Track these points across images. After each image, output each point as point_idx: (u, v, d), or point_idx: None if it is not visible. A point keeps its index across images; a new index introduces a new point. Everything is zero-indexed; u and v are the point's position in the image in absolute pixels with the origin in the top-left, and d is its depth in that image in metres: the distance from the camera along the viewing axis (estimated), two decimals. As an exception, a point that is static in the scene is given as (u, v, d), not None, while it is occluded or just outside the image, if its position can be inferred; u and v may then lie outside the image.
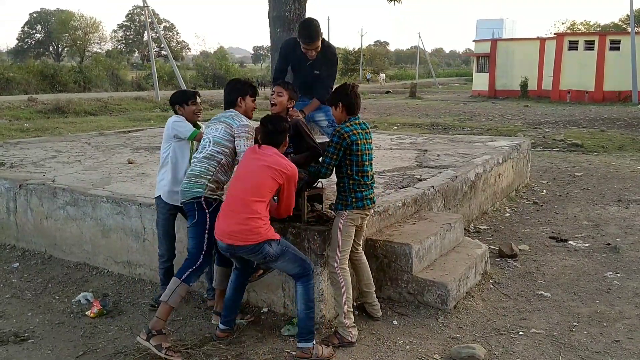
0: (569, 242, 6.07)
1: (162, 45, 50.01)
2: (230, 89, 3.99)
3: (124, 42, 72.00)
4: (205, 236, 3.73)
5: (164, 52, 51.75)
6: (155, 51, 49.96)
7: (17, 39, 70.45)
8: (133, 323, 4.23)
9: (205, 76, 45.59)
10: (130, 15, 70.70)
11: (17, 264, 5.57)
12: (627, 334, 3.96)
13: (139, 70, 53.65)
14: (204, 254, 3.73)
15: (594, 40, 31.34)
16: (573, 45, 31.87)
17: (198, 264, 3.72)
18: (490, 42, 37.09)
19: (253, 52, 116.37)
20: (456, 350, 3.65)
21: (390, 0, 10.64)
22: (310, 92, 4.93)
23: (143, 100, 27.39)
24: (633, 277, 5.03)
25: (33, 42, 68.96)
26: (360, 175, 3.80)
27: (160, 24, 64.11)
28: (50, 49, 70.28)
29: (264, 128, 3.68)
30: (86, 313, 4.38)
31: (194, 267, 3.71)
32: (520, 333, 3.98)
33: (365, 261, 4.15)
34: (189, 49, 77.06)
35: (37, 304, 4.64)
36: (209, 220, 3.72)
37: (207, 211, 3.73)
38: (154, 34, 36.86)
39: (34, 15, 68.47)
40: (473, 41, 40.29)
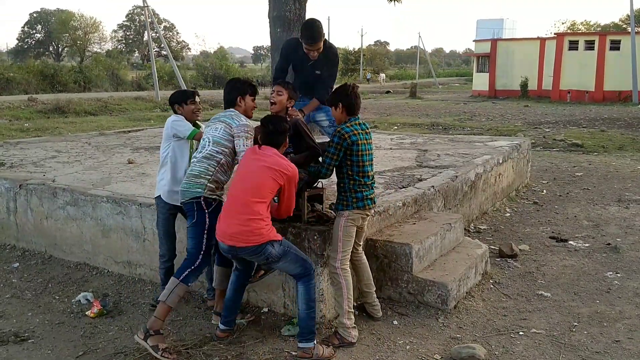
0: (569, 242, 6.07)
1: (162, 45, 50.04)
2: (230, 88, 3.98)
3: (124, 42, 72.06)
4: (205, 236, 3.73)
5: (164, 52, 51.78)
6: (156, 51, 49.96)
7: (17, 39, 70.67)
8: (133, 323, 4.22)
9: (206, 76, 45.60)
10: (130, 15, 70.77)
11: (17, 264, 5.57)
12: (627, 334, 3.96)
13: (139, 70, 53.68)
14: (202, 254, 3.73)
15: (594, 40, 31.35)
16: (573, 45, 31.87)
17: (197, 264, 3.72)
18: (490, 42, 37.08)
19: (253, 52, 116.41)
20: (456, 350, 3.65)
21: (391, 0, 10.64)
22: (311, 93, 4.93)
23: (143, 100, 27.41)
24: (633, 277, 5.03)
25: (33, 42, 69.01)
26: (360, 175, 3.80)
27: (160, 24, 64.15)
28: (51, 49, 70.31)
29: (264, 128, 3.67)
30: (86, 313, 4.38)
31: (192, 267, 3.71)
32: (521, 333, 3.98)
33: (366, 261, 4.15)
34: (189, 49, 77.26)
35: (37, 304, 4.64)
36: (208, 221, 3.72)
37: (206, 211, 3.72)
38: (154, 34, 36.87)
39: (34, 15, 68.56)
40: (473, 41, 40.31)
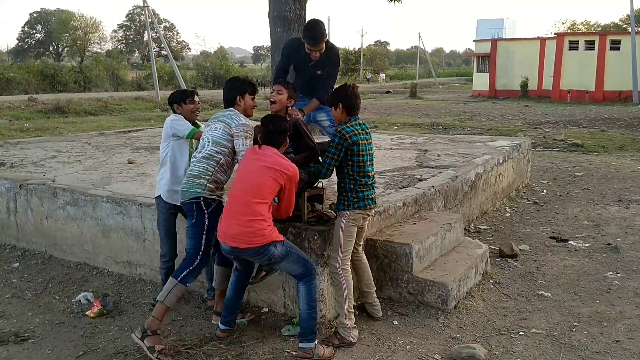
0: (570, 242, 6.07)
1: (162, 45, 50.04)
2: (229, 87, 3.96)
3: (124, 42, 72.06)
4: (204, 237, 3.72)
5: (164, 52, 51.79)
6: (156, 51, 49.97)
7: (17, 39, 70.68)
8: (133, 323, 4.22)
9: (206, 76, 45.60)
10: (130, 15, 70.79)
11: (18, 264, 5.57)
12: (627, 334, 3.96)
13: (139, 70, 53.69)
14: (201, 254, 3.72)
15: (594, 40, 31.35)
16: (573, 45, 31.87)
17: (195, 264, 3.71)
18: (490, 42, 37.08)
19: (253, 52, 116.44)
20: (456, 350, 3.65)
21: (391, 0, 10.63)
22: (312, 93, 4.93)
23: (143, 100, 27.42)
24: (633, 277, 5.03)
25: (33, 42, 69.02)
26: (361, 175, 3.80)
27: (161, 24, 64.18)
28: (51, 49, 70.32)
29: (264, 128, 3.65)
30: (86, 313, 4.38)
31: (190, 268, 3.70)
32: (521, 333, 3.98)
33: (366, 261, 4.14)
34: (189, 48, 77.27)
35: (37, 303, 4.64)
36: (207, 221, 3.71)
37: (205, 212, 3.72)
38: (154, 34, 36.88)
39: (34, 15, 68.57)
40: (473, 41, 40.30)
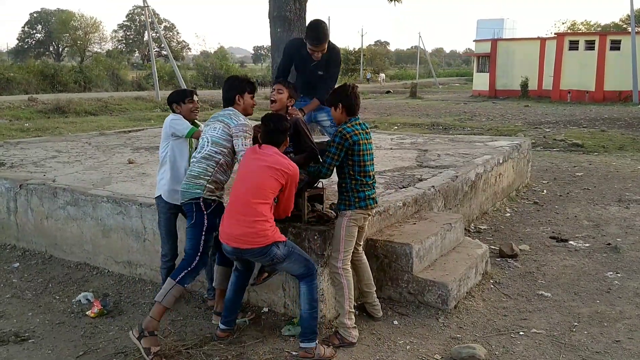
0: (570, 242, 6.07)
1: (162, 45, 50.07)
2: (229, 86, 3.94)
3: (124, 42, 72.07)
4: (203, 237, 3.72)
5: (164, 52, 51.80)
6: (156, 51, 49.98)
7: (17, 39, 70.67)
8: (133, 323, 4.21)
9: (206, 76, 45.59)
10: (130, 15, 70.80)
11: (18, 264, 5.57)
12: (627, 334, 3.96)
13: (139, 70, 53.65)
14: (200, 255, 3.72)
15: (594, 40, 31.34)
16: (573, 45, 31.86)
17: (193, 265, 3.70)
18: (490, 42, 37.07)
19: (253, 52, 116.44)
20: (457, 350, 3.65)
21: (391, 0, 10.65)
22: (313, 93, 4.92)
23: (143, 100, 27.42)
24: (633, 277, 5.03)
25: (33, 42, 69.03)
26: (362, 175, 3.80)
27: (161, 24, 64.18)
28: (51, 49, 70.32)
29: (265, 127, 3.64)
30: (87, 313, 4.38)
31: (189, 269, 3.69)
32: (521, 333, 3.98)
33: (366, 261, 4.14)
34: (189, 48, 77.27)
35: (37, 303, 4.64)
36: (206, 222, 3.71)
37: (205, 212, 3.71)
38: (154, 34, 36.89)
39: (34, 15, 68.58)
40: (473, 41, 40.27)
